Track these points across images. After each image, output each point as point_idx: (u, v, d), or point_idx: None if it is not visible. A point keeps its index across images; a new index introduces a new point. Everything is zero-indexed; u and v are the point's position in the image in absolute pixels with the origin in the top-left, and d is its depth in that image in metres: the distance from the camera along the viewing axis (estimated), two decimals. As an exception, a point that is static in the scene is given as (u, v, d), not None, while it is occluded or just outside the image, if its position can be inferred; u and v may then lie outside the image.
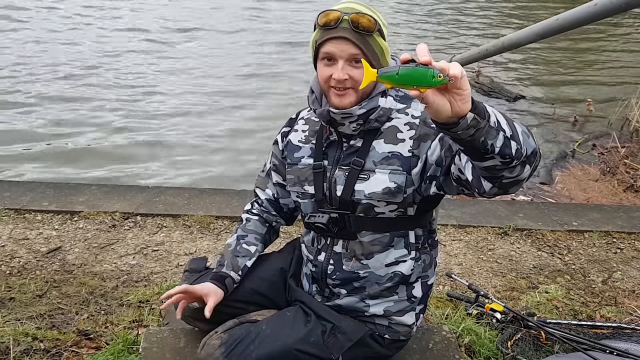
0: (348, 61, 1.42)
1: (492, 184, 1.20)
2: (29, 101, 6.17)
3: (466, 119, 1.03)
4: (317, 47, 1.46)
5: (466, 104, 1.02)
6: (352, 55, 1.41)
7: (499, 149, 1.08)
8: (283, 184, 1.76)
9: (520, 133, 1.12)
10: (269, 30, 9.95)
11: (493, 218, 3.54)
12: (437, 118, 1.04)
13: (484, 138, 1.06)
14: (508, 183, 1.19)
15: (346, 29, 1.39)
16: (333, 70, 1.43)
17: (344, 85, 1.43)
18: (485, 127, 1.05)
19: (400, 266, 1.58)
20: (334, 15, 1.40)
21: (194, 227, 3.28)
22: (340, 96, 1.45)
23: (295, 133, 1.69)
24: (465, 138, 1.06)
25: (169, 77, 7.23)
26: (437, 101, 1.00)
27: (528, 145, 1.13)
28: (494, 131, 1.07)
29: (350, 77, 1.42)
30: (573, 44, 9.52)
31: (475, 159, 1.14)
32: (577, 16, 3.35)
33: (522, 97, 6.92)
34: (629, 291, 2.85)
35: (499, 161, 1.11)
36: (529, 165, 1.16)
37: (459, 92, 1.00)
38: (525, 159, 1.13)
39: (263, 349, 1.50)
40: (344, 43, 1.40)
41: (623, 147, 5.23)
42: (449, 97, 1.01)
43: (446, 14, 11.96)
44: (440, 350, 1.93)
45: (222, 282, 1.66)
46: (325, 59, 1.45)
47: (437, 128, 1.09)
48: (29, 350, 2.04)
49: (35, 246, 3.00)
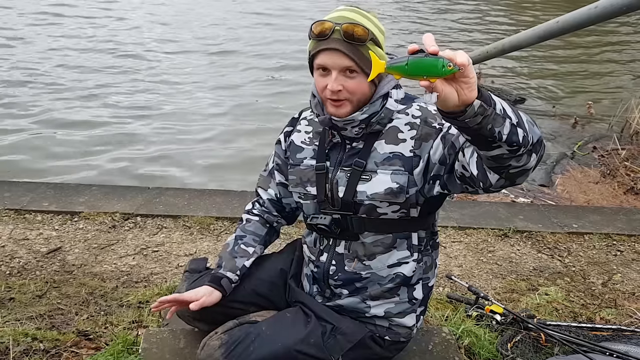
0: (342, 72, 1.41)
1: (498, 174, 1.20)
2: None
3: (473, 106, 1.03)
4: (311, 58, 1.46)
5: (473, 91, 1.02)
6: (344, 66, 1.40)
7: (506, 136, 1.09)
8: (285, 183, 1.76)
9: (525, 121, 1.13)
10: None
11: (493, 220, 3.54)
12: (444, 107, 1.05)
13: (491, 125, 1.07)
14: (515, 173, 1.19)
15: (338, 40, 1.38)
16: (328, 81, 1.43)
17: (339, 97, 1.43)
18: (492, 114, 1.06)
19: (402, 268, 1.58)
20: (326, 25, 1.39)
21: (194, 228, 3.28)
22: (337, 107, 1.46)
23: (298, 134, 1.69)
24: (472, 126, 1.06)
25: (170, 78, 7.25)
26: (445, 90, 1.01)
27: (534, 133, 1.14)
28: (500, 118, 1.07)
29: (345, 88, 1.42)
30: (573, 46, 9.52)
31: (483, 148, 1.14)
32: (577, 18, 3.36)
33: (523, 100, 6.92)
34: (629, 293, 2.85)
35: (506, 149, 1.12)
36: (535, 154, 1.17)
37: (466, 81, 1.01)
38: (531, 147, 1.14)
39: (263, 350, 1.50)
40: (336, 55, 1.40)
41: (623, 149, 5.22)
42: (455, 85, 1.01)
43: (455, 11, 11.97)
44: (440, 352, 1.93)
45: (218, 283, 1.66)
46: (320, 69, 1.45)
47: (443, 118, 1.09)
48: (28, 351, 2.04)
49: (35, 246, 2.99)
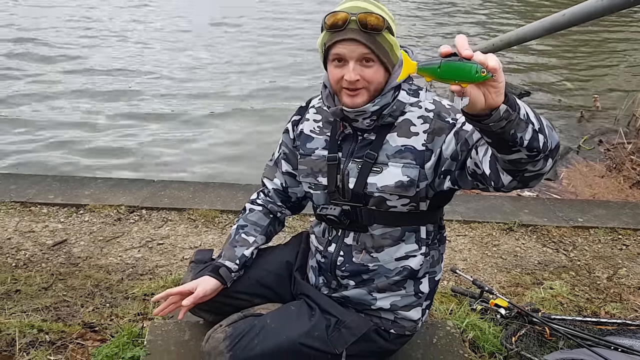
0: (358, 61, 1.41)
1: (512, 177, 1.20)
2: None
3: (499, 111, 1.02)
4: (326, 49, 1.45)
5: (500, 96, 1.01)
6: (362, 55, 1.40)
7: (528, 142, 1.08)
8: (292, 172, 1.76)
9: (545, 126, 1.12)
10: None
11: (498, 214, 3.53)
12: (469, 110, 1.04)
13: (514, 130, 1.06)
14: (530, 177, 1.18)
15: (355, 30, 1.38)
16: (344, 71, 1.42)
17: (356, 86, 1.43)
18: (516, 119, 1.05)
19: (410, 261, 1.58)
20: (341, 16, 1.38)
21: (199, 220, 3.29)
22: (353, 96, 1.44)
23: (307, 122, 1.68)
24: (496, 130, 1.06)
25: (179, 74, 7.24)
26: (473, 93, 1.00)
27: (553, 138, 1.13)
28: (523, 124, 1.06)
29: (362, 77, 1.42)
30: (580, 39, 9.46)
31: (502, 152, 1.13)
32: (584, 11, 3.33)
33: (528, 93, 6.89)
34: (634, 288, 2.84)
35: (525, 154, 1.11)
36: (551, 159, 1.16)
37: (494, 85, 1.00)
38: (549, 153, 1.13)
39: (267, 343, 1.51)
40: (353, 45, 1.39)
41: (629, 143, 5.19)
42: (483, 89, 1.00)
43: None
44: (445, 346, 1.93)
45: (217, 272, 1.66)
46: (335, 61, 1.44)
47: (467, 120, 1.08)
48: (34, 342, 2.05)
49: (41, 239, 3.01)
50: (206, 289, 1.62)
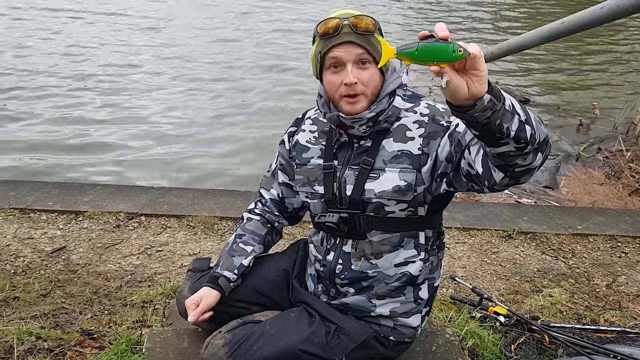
0: (355, 63, 1.43)
1: (503, 173, 1.20)
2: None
3: (483, 100, 1.03)
4: (322, 57, 1.46)
5: (483, 85, 1.02)
6: (358, 56, 1.42)
7: (515, 133, 1.08)
8: (289, 183, 1.77)
9: (533, 119, 1.12)
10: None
11: (497, 221, 3.53)
12: (453, 100, 1.04)
13: (500, 121, 1.06)
14: (520, 172, 1.18)
15: (348, 33, 1.41)
16: (342, 77, 1.44)
17: (355, 91, 1.44)
18: (501, 109, 1.05)
19: (409, 267, 1.58)
20: (334, 22, 1.41)
21: (198, 227, 3.29)
22: (353, 103, 1.46)
23: (302, 133, 1.70)
24: (481, 121, 1.06)
25: (172, 81, 7.25)
26: (455, 80, 1.00)
27: (541, 131, 1.13)
28: (509, 114, 1.07)
29: (360, 81, 1.43)
30: (579, 46, 9.50)
31: (490, 145, 1.14)
32: (583, 19, 3.33)
33: (527, 100, 6.90)
34: (633, 295, 2.84)
35: (513, 146, 1.11)
36: (541, 153, 1.16)
37: (476, 73, 1.01)
38: (537, 146, 1.13)
39: (267, 349, 1.51)
40: (349, 47, 1.42)
41: (628, 150, 5.20)
42: (466, 77, 1.01)
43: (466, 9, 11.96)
44: (444, 353, 1.92)
45: (215, 283, 1.67)
46: (332, 67, 1.46)
47: (452, 112, 1.09)
48: (32, 350, 2.04)
49: (40, 246, 3.01)
50: (210, 303, 1.63)
